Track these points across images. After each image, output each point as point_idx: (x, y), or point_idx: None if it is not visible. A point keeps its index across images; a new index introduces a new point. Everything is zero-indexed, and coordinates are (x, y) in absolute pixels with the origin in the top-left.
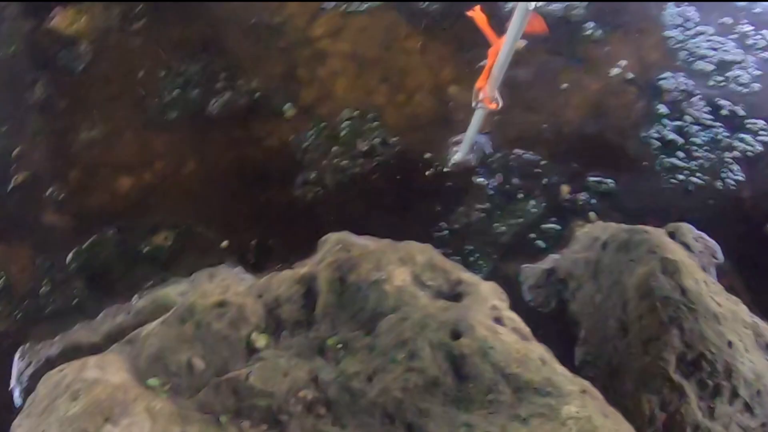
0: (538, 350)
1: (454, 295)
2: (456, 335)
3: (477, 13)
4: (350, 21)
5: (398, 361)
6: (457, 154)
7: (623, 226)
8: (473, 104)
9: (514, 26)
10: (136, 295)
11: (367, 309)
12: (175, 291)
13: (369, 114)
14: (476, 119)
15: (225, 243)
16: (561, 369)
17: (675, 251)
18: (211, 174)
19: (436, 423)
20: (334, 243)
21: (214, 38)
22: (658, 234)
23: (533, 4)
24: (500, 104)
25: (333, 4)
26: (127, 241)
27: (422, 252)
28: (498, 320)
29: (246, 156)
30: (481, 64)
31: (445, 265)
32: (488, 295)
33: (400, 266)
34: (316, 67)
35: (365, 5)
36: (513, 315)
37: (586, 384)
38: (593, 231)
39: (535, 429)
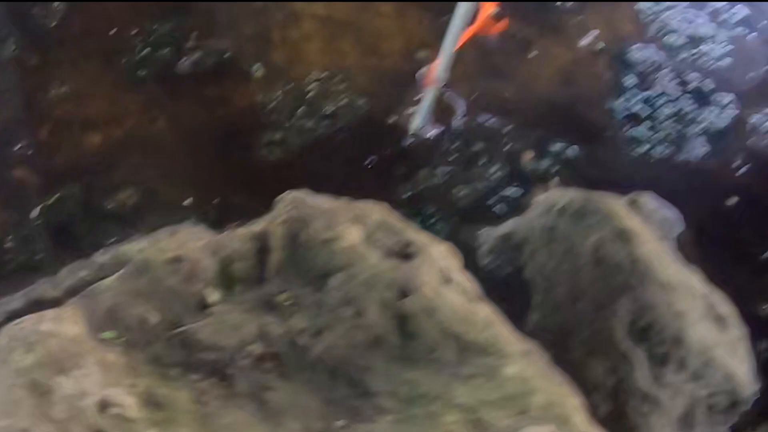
0: (485, 312)
1: (405, 255)
2: (403, 294)
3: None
4: None
5: (345, 318)
6: (414, 123)
7: (580, 192)
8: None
9: (456, 20)
10: (98, 251)
11: (317, 266)
12: (136, 247)
13: (337, 76)
14: (430, 91)
15: (189, 200)
16: (506, 331)
17: (630, 219)
18: (178, 132)
19: (378, 379)
20: (289, 201)
21: None
22: (614, 202)
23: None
24: (440, 85)
25: None
26: (93, 197)
27: (376, 212)
28: (447, 281)
29: (213, 115)
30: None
31: (398, 225)
32: (439, 256)
33: (353, 225)
34: (289, 28)
35: None
36: (463, 276)
37: (531, 346)
38: (551, 197)
39: (475, 388)
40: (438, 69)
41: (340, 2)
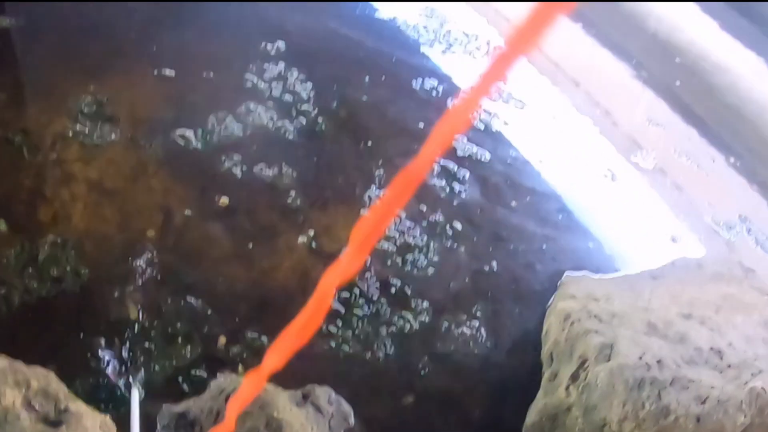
0: None
1: (57, 422)
2: None
3: None
4: (106, 150)
5: None
6: None
7: None
8: None
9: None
10: None
11: None
12: None
13: (71, 242)
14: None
15: None
16: None
17: (285, 410)
18: None
19: None
20: None
21: None
22: (273, 392)
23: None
24: None
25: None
26: None
27: (41, 378)
28: None
29: None
30: None
31: (60, 393)
32: (90, 426)
33: (14, 388)
34: (58, 188)
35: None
36: None
37: None
38: (223, 382)
39: None
40: None
41: (115, 170)
